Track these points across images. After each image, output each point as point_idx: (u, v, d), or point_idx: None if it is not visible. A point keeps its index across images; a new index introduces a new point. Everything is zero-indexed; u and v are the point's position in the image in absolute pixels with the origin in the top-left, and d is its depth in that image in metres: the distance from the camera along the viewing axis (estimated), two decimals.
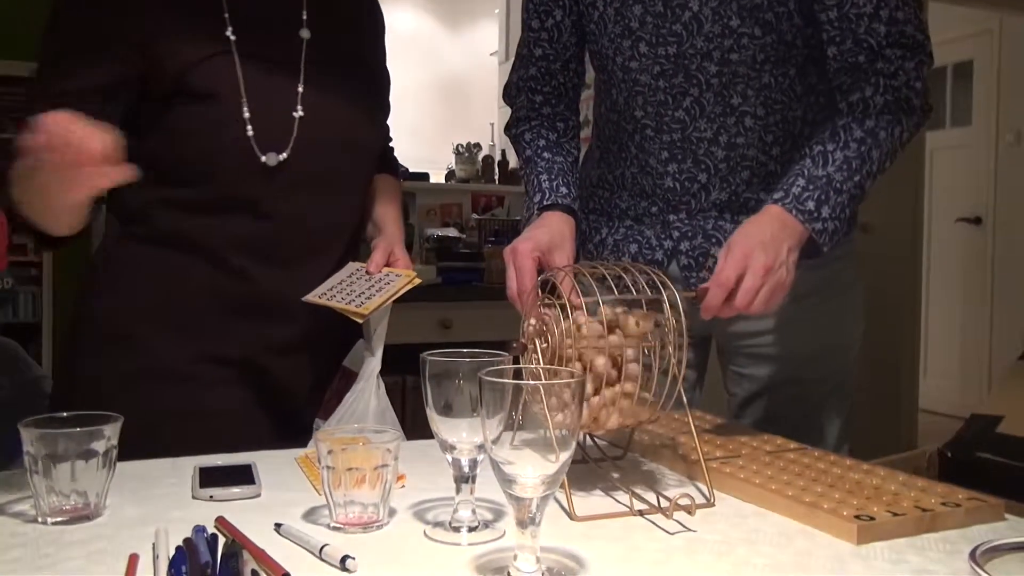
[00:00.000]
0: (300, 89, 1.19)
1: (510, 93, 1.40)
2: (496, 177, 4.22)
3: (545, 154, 1.30)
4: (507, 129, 1.41)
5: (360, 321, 1.16)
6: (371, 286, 1.19)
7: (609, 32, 1.25)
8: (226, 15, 1.15)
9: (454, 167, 4.36)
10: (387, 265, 1.25)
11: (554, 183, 1.25)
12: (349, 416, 1.16)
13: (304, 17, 1.22)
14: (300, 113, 1.18)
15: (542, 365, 0.91)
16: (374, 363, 1.20)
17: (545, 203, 1.23)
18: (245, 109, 1.13)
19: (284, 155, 1.15)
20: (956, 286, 5.23)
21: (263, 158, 1.14)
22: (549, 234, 1.16)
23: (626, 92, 1.27)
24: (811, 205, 1.10)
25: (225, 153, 1.13)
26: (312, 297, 1.18)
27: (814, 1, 1.16)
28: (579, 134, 1.39)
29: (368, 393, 1.17)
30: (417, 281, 1.22)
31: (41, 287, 4.73)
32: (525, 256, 1.11)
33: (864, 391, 1.47)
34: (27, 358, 1.79)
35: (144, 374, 1.15)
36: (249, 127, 1.13)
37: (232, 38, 1.15)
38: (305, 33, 1.21)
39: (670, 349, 0.92)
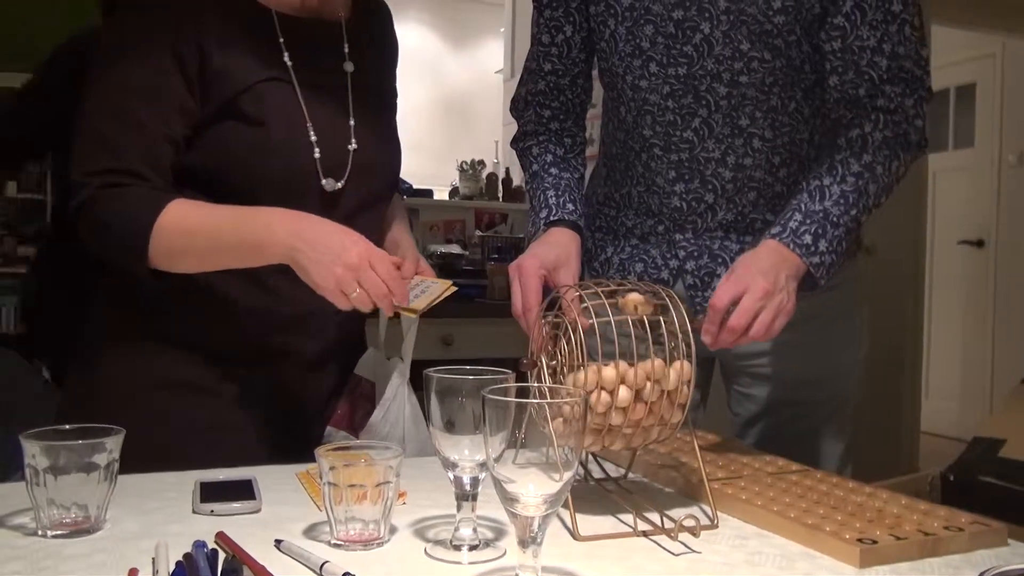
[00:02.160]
0: (352, 123, 1.20)
1: (517, 107, 1.40)
2: (500, 194, 4.23)
3: (552, 169, 1.31)
4: (514, 143, 1.41)
5: (414, 317, 1.18)
6: (411, 291, 1.20)
7: (620, 51, 1.25)
8: (281, 40, 1.16)
9: (458, 184, 4.37)
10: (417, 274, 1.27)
11: (561, 199, 1.26)
12: (385, 423, 1.17)
13: (346, 50, 1.23)
14: (354, 146, 1.19)
15: (548, 384, 0.90)
16: (405, 369, 1.22)
17: (552, 219, 1.24)
18: (312, 134, 1.14)
19: (340, 184, 1.17)
20: (958, 308, 5.22)
21: (324, 182, 1.15)
22: (555, 252, 1.17)
23: (635, 111, 1.27)
24: (808, 239, 1.12)
25: (286, 175, 1.14)
26: None
27: (819, 30, 1.17)
28: (585, 151, 1.39)
29: (402, 398, 1.19)
30: (454, 288, 1.22)
31: None
32: (530, 274, 1.11)
33: (866, 413, 1.47)
34: (29, 368, 1.79)
35: (160, 385, 1.15)
36: (317, 151, 1.15)
37: (289, 63, 1.15)
38: (349, 67, 1.23)
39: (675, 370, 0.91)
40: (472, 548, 0.80)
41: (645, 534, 0.86)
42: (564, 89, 1.36)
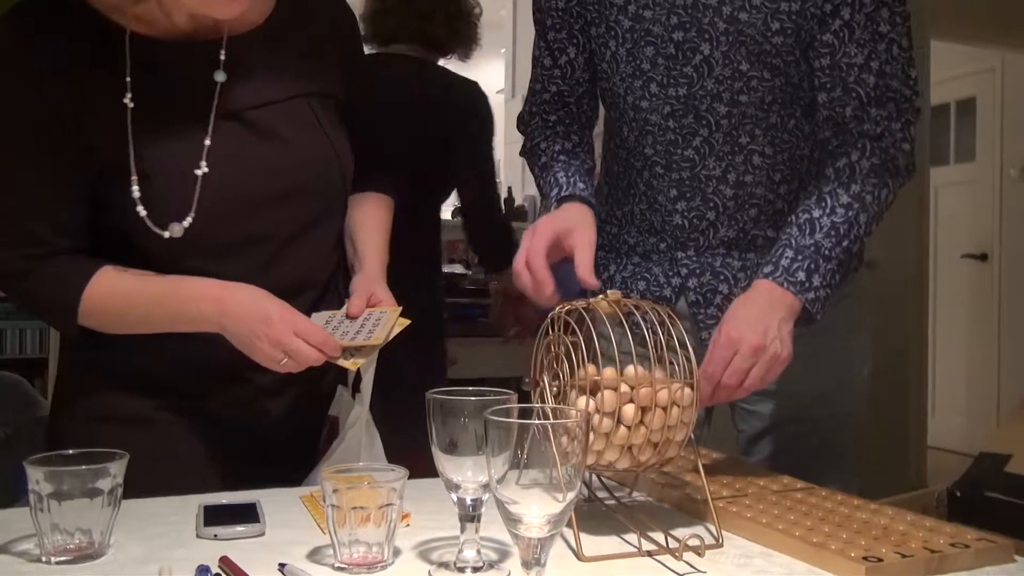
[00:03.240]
0: (207, 143, 1.08)
1: (523, 120, 1.41)
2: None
3: (562, 157, 1.31)
4: (522, 151, 1.42)
5: (352, 368, 1.10)
6: (357, 331, 1.11)
7: (621, 71, 1.26)
8: (128, 65, 1.06)
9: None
10: (369, 306, 1.15)
11: (571, 179, 1.26)
12: (344, 453, 1.13)
13: (222, 58, 1.10)
14: (204, 170, 1.07)
15: (552, 404, 0.90)
16: (359, 412, 1.14)
17: (563, 195, 1.23)
18: (132, 167, 1.06)
19: (186, 222, 1.07)
20: (963, 322, 5.21)
21: (166, 233, 1.07)
22: (569, 216, 1.18)
23: (636, 131, 1.28)
24: (802, 276, 1.12)
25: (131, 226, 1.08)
26: None
27: (809, 47, 1.18)
28: (594, 153, 1.39)
29: (356, 444, 1.13)
30: (405, 322, 1.12)
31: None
32: (542, 233, 1.12)
33: (872, 429, 1.47)
34: (34, 393, 1.79)
35: (109, 417, 1.13)
36: (136, 190, 1.06)
37: (130, 106, 1.06)
38: (220, 76, 1.10)
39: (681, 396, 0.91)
40: (476, 570, 0.79)
41: (650, 554, 0.85)
42: (569, 105, 1.37)
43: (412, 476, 0.83)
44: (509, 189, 4.32)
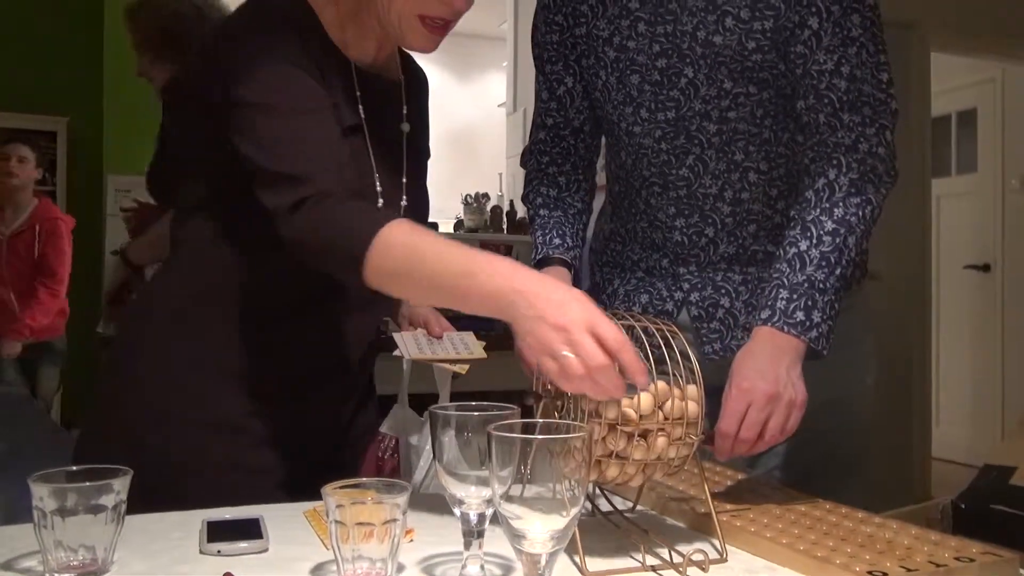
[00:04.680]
0: (404, 180, 1.21)
1: (523, 158, 1.44)
2: (504, 226, 4.25)
3: (542, 211, 1.34)
4: (521, 195, 1.44)
5: (463, 372, 1.26)
6: (454, 347, 1.28)
7: (612, 99, 1.29)
8: (358, 93, 1.15)
9: (463, 217, 4.39)
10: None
11: (547, 236, 1.29)
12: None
13: (404, 111, 1.24)
14: (405, 203, 1.20)
15: (554, 419, 0.90)
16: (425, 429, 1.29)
17: (537, 257, 1.28)
18: (378, 184, 1.15)
19: None
20: (966, 333, 5.20)
21: None
22: None
23: (633, 154, 1.30)
24: (800, 315, 1.09)
25: None
26: (418, 355, 1.29)
27: (788, 60, 1.19)
28: (587, 188, 1.41)
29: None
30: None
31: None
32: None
33: (877, 441, 1.46)
34: (42, 410, 1.79)
35: (193, 423, 1.13)
36: (380, 201, 1.15)
37: (363, 116, 1.15)
38: (406, 127, 1.23)
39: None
40: None
41: (654, 569, 0.85)
42: (565, 138, 1.38)
43: None
44: (511, 203, 4.33)
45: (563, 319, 0.85)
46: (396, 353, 1.33)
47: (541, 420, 0.83)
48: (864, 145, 1.15)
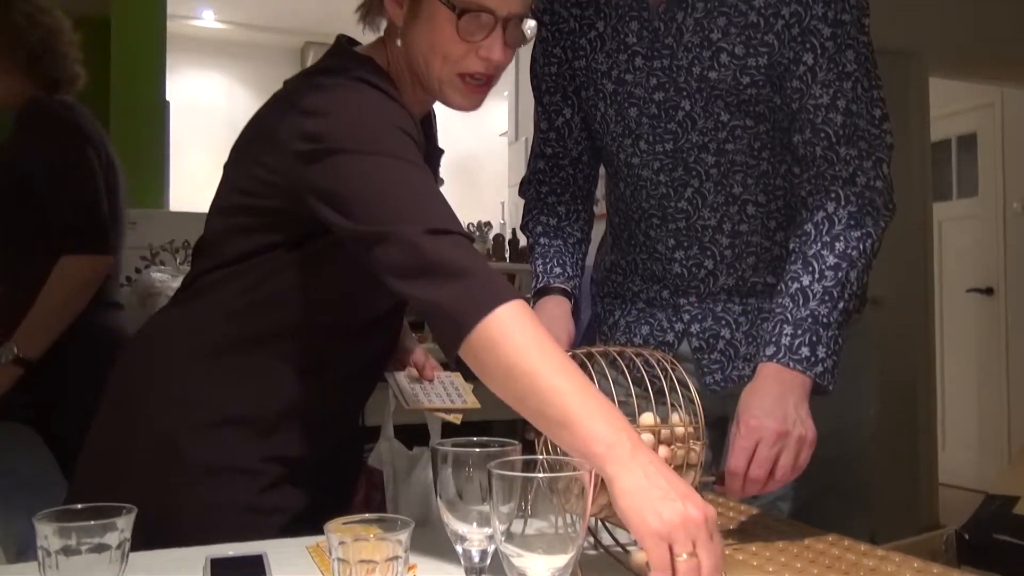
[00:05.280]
0: None
1: (521, 187, 1.45)
2: (507, 255, 4.26)
3: (542, 240, 1.35)
4: (520, 224, 1.45)
5: (457, 423, 1.28)
6: (446, 393, 1.29)
7: (611, 131, 1.30)
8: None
9: None
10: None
11: (548, 265, 1.30)
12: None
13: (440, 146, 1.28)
14: None
15: (556, 455, 0.91)
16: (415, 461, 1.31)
17: (538, 286, 1.28)
18: None
19: None
20: (972, 356, 5.19)
21: None
22: (542, 320, 1.19)
23: (631, 186, 1.31)
24: (805, 351, 1.09)
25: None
26: (418, 404, 1.30)
27: (784, 94, 1.20)
28: (585, 217, 1.42)
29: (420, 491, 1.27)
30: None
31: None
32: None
33: (883, 467, 1.46)
34: (42, 444, 1.80)
35: (209, 468, 1.12)
36: None
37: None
38: (439, 164, 1.27)
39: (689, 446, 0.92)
40: None
41: None
42: (564, 168, 1.40)
43: None
44: (514, 231, 4.34)
45: (692, 514, 0.77)
46: (392, 398, 1.34)
47: (542, 457, 0.83)
48: (862, 178, 1.16)
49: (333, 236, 1.03)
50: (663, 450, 0.90)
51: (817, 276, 1.13)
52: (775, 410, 1.05)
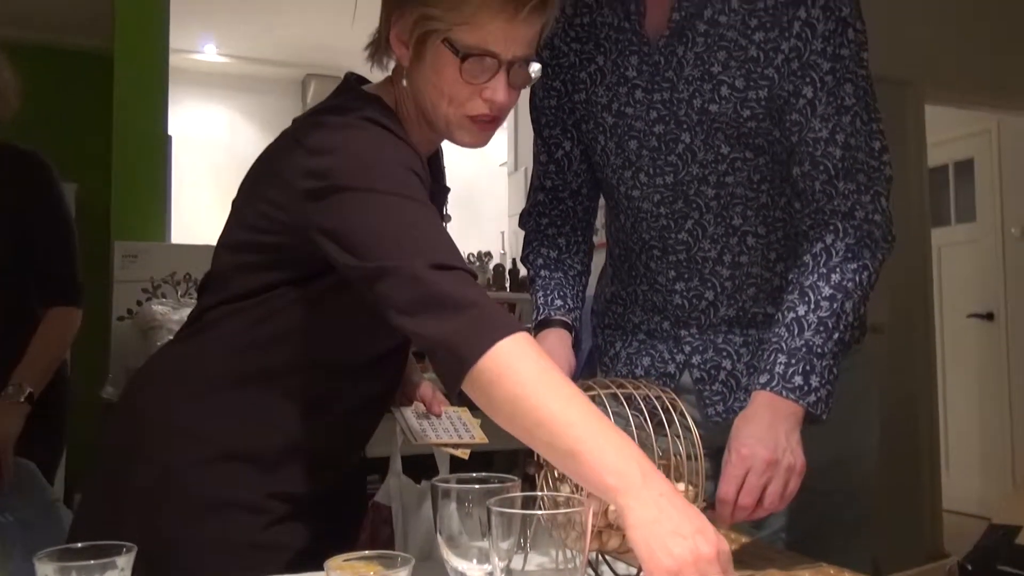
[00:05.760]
0: None
1: (521, 219, 1.45)
2: (507, 285, 4.27)
3: (543, 272, 1.35)
4: (520, 256, 1.46)
5: (465, 458, 1.29)
6: (454, 429, 1.30)
7: (611, 163, 1.31)
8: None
9: None
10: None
11: (549, 297, 1.30)
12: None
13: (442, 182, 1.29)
14: None
15: (555, 491, 0.91)
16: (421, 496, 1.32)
17: (539, 319, 1.28)
18: None
19: None
20: (973, 383, 5.17)
21: None
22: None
23: (632, 217, 1.32)
24: (799, 380, 1.10)
25: None
26: (425, 440, 1.30)
27: (783, 127, 1.21)
28: (585, 249, 1.42)
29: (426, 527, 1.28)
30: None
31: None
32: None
33: (886, 495, 1.46)
34: (43, 480, 1.79)
35: (214, 504, 1.11)
36: None
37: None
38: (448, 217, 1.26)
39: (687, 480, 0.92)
40: None
41: None
42: (564, 200, 1.40)
43: None
44: (514, 261, 4.35)
45: (705, 550, 0.76)
46: (399, 433, 1.34)
47: (541, 493, 0.83)
48: (860, 212, 1.17)
49: (337, 275, 1.03)
50: None
51: (812, 306, 1.14)
52: (766, 438, 1.06)
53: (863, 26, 1.19)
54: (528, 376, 0.88)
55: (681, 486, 0.98)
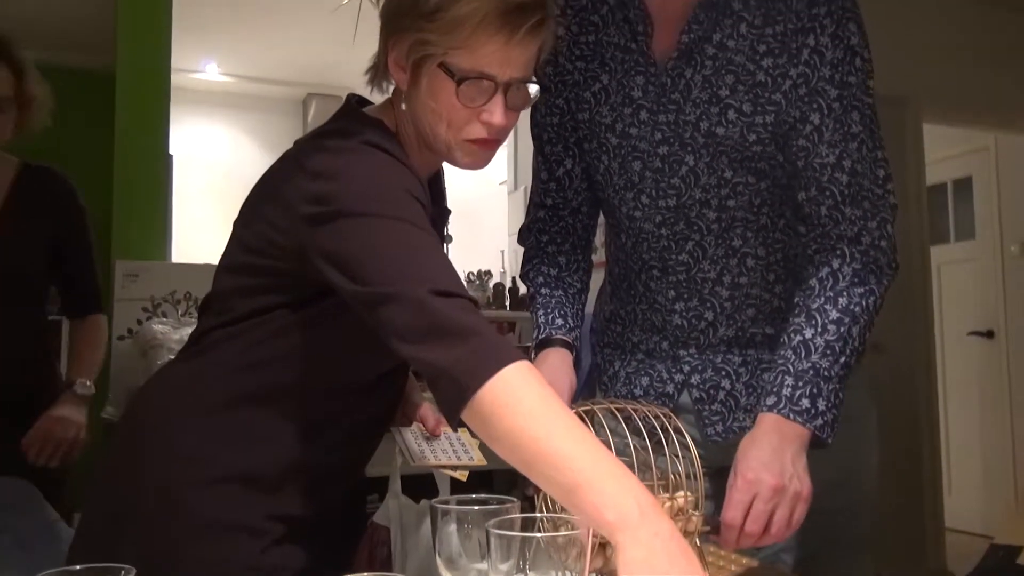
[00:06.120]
0: None
1: (521, 235, 1.45)
2: (507, 303, 4.27)
3: (544, 290, 1.35)
4: (520, 274, 1.45)
5: (464, 479, 1.28)
6: (453, 450, 1.31)
7: (614, 184, 1.31)
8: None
9: None
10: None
11: (550, 316, 1.30)
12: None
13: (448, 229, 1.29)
14: None
15: (555, 513, 0.91)
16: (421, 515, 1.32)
17: (540, 337, 1.28)
18: None
19: None
20: (974, 400, 5.16)
21: None
22: (545, 373, 1.18)
23: (633, 237, 1.32)
24: (806, 403, 1.10)
25: None
26: (424, 461, 1.30)
27: (789, 152, 1.21)
28: (585, 267, 1.42)
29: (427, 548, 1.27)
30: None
31: None
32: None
33: (889, 514, 1.46)
34: (42, 500, 1.79)
35: (214, 526, 1.10)
36: None
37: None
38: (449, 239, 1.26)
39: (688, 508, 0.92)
40: None
41: None
42: (564, 217, 1.40)
43: None
44: (514, 279, 4.36)
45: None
46: (399, 454, 1.34)
47: (541, 515, 0.83)
48: (867, 238, 1.18)
49: (336, 298, 1.03)
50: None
51: (820, 329, 1.14)
52: (772, 463, 1.05)
53: (870, 55, 1.19)
54: (529, 408, 0.86)
55: (680, 494, 0.98)
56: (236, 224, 1.17)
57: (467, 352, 0.89)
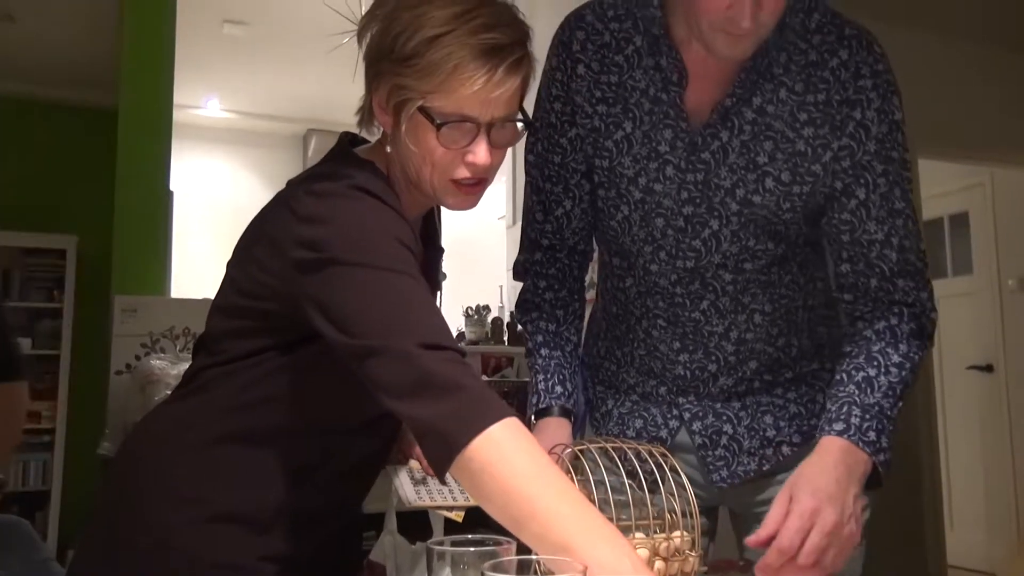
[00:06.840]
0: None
1: (517, 271, 1.42)
2: (505, 338, 4.26)
3: (543, 350, 1.32)
4: (515, 309, 1.43)
5: (459, 520, 1.28)
6: (450, 490, 1.30)
7: (633, 234, 1.27)
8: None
9: (464, 329, 4.41)
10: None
11: (549, 383, 1.28)
12: None
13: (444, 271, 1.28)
14: None
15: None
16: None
17: (540, 406, 1.26)
18: None
19: None
20: (975, 435, 5.14)
21: None
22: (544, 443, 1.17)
23: (644, 287, 1.29)
24: (872, 435, 1.09)
25: None
26: (419, 503, 1.30)
27: (825, 223, 1.21)
28: (580, 314, 1.40)
29: None
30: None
31: (52, 454, 4.73)
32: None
33: (891, 550, 1.44)
34: (37, 538, 1.78)
35: (205, 565, 1.09)
36: None
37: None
38: (443, 277, 1.27)
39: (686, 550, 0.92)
40: None
41: None
42: (561, 259, 1.38)
43: None
44: (512, 314, 4.36)
45: None
46: (394, 493, 1.34)
47: (536, 556, 0.83)
48: (919, 307, 1.20)
49: (327, 342, 1.03)
50: (659, 564, 0.90)
51: (883, 370, 1.14)
52: (836, 498, 1.02)
53: (905, 130, 1.20)
54: (519, 466, 0.86)
55: (676, 534, 0.97)
56: (229, 264, 1.17)
57: (454, 407, 0.89)
